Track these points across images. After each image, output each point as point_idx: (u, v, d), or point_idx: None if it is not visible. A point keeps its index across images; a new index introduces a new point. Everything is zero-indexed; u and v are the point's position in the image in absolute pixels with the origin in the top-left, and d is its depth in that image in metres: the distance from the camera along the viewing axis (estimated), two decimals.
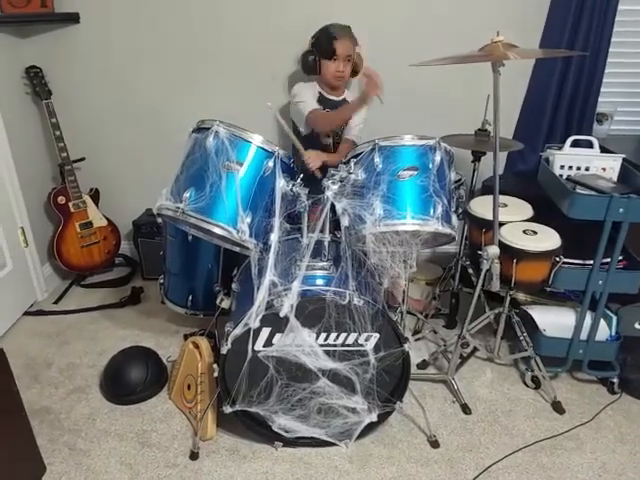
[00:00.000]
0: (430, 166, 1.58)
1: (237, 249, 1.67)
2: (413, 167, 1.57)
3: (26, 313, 2.54)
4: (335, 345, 1.63)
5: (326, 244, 1.69)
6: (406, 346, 1.63)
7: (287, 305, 1.51)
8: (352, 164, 1.61)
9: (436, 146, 1.59)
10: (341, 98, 2.44)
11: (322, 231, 1.64)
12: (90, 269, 2.78)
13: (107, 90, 2.65)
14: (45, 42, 2.52)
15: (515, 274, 1.87)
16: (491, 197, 1.95)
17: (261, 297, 1.52)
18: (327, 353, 1.63)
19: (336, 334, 1.61)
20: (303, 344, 1.59)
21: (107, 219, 2.77)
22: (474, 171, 2.27)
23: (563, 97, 2.61)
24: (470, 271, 2.39)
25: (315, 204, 1.65)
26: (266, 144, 1.59)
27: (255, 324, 1.52)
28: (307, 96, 2.30)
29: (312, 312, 1.55)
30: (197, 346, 1.92)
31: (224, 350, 1.57)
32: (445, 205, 1.58)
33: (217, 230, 1.53)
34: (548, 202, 2.07)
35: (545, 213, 2.06)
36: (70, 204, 2.61)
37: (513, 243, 1.85)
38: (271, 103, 1.86)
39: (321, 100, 2.36)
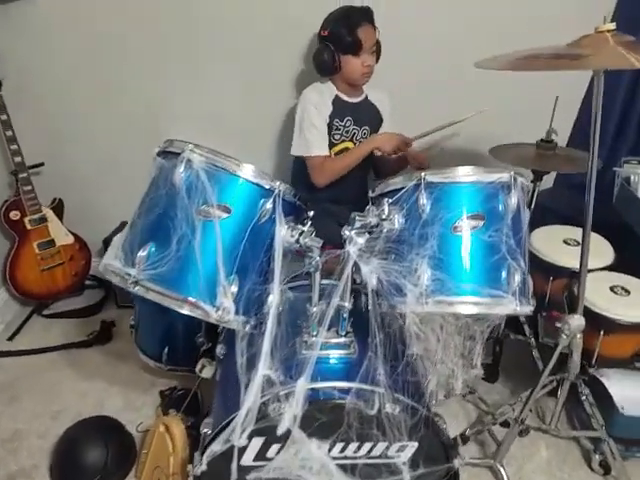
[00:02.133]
0: (502, 213, 1.08)
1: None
2: (477, 215, 1.07)
3: None
4: (355, 458, 1.16)
5: (345, 313, 1.20)
6: (456, 462, 1.16)
7: (288, 417, 1.03)
8: (386, 206, 1.11)
9: (511, 183, 1.08)
10: (361, 98, 1.93)
11: (341, 298, 1.15)
12: (53, 296, 2.31)
13: (73, 78, 2.13)
14: None
15: (599, 348, 1.38)
16: (556, 228, 1.47)
17: (250, 401, 1.04)
18: (344, 469, 1.16)
19: (357, 444, 1.13)
20: (310, 459, 1.12)
21: (74, 235, 2.28)
22: (533, 193, 1.76)
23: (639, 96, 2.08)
24: (522, 318, 1.90)
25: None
26: (261, 178, 1.09)
27: (241, 441, 1.05)
28: (317, 120, 1.81)
29: (325, 423, 1.07)
30: (169, 428, 1.45)
31: (197, 471, 1.10)
32: (523, 269, 1.09)
33: (185, 309, 1.04)
34: (632, 236, 1.57)
35: (631, 253, 1.57)
36: (26, 220, 2.12)
37: (601, 309, 1.36)
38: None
39: (338, 105, 1.85)
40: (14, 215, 2.10)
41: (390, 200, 1.11)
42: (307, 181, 1.92)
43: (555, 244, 1.54)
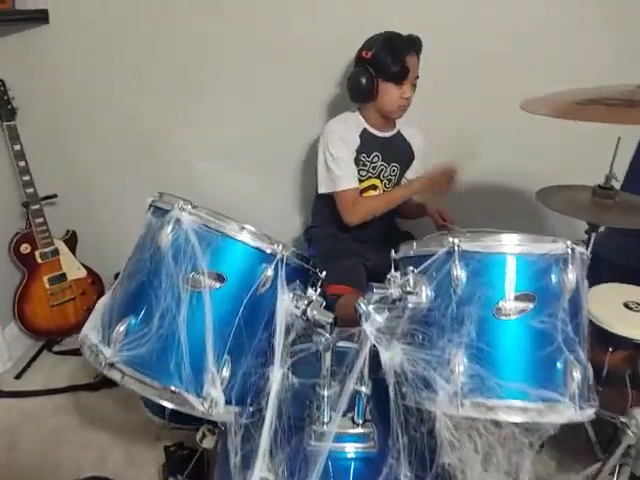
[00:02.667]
0: (557, 293, 0.87)
1: None
2: (526, 295, 0.86)
3: None
4: None
5: (364, 397, 1.00)
6: None
7: None
8: (411, 276, 0.91)
9: (568, 255, 0.87)
10: (393, 133, 1.75)
11: (359, 382, 0.96)
12: (64, 333, 2.19)
13: (86, 109, 2.04)
14: (7, 48, 1.91)
15: None
16: (616, 288, 1.25)
17: None
18: None
19: None
20: None
21: (86, 268, 2.17)
22: (587, 244, 1.52)
23: None
24: None
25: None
26: (262, 240, 0.91)
27: None
28: (344, 153, 1.64)
29: None
30: None
31: None
32: (583, 363, 0.87)
33: (165, 401, 0.86)
34: None
35: None
36: (37, 253, 2.03)
37: None
38: None
39: (366, 139, 1.68)
40: (24, 248, 2.01)
41: (416, 269, 0.91)
42: (329, 217, 1.77)
43: (614, 308, 1.31)
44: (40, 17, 1.86)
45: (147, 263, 0.90)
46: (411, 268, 0.92)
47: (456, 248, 0.87)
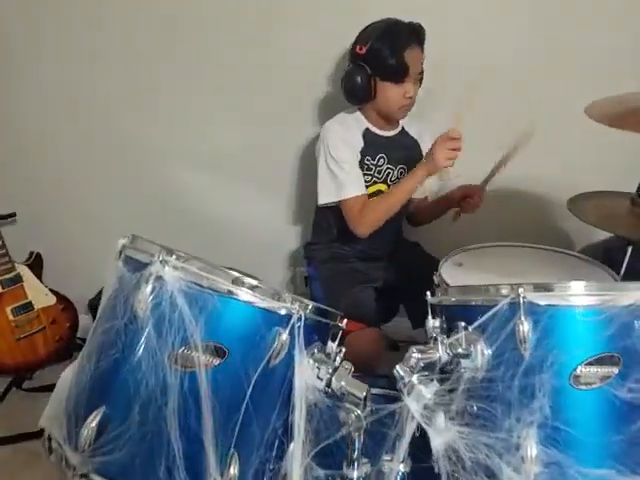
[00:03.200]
0: None
1: None
2: (609, 357, 0.68)
3: None
4: None
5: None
6: None
7: None
8: (462, 334, 0.72)
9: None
10: (397, 131, 1.55)
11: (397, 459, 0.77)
12: (34, 367, 1.96)
13: (51, 111, 1.79)
14: None
15: None
16: None
17: None
18: None
19: None
20: None
21: (55, 294, 1.94)
22: (624, 258, 1.35)
23: None
24: None
25: None
26: (273, 299, 0.71)
27: None
28: (347, 154, 1.43)
29: None
30: None
31: None
32: None
33: None
34: None
35: None
36: None
37: None
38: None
39: (370, 140, 1.48)
40: None
41: (469, 325, 0.72)
42: (330, 233, 1.58)
43: None
44: None
45: (121, 335, 0.69)
46: (462, 324, 0.73)
47: (521, 300, 0.69)
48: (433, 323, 0.81)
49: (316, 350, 0.75)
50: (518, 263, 1.26)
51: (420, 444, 0.72)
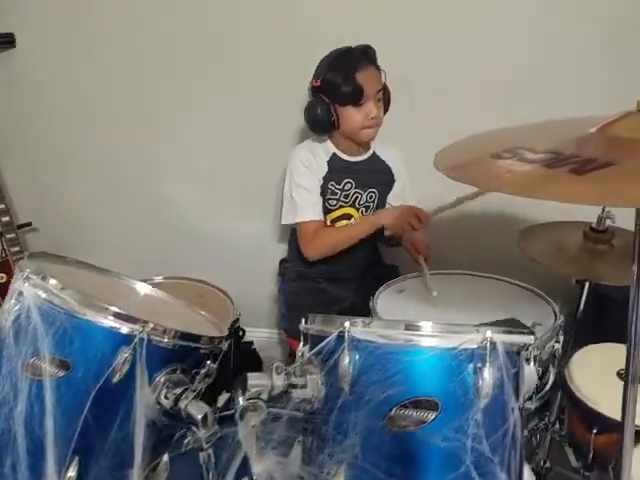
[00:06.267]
0: (469, 399, 0.66)
1: None
2: (427, 401, 0.66)
3: None
4: None
5: None
6: None
7: None
8: (299, 363, 0.73)
9: (486, 351, 0.66)
10: (368, 155, 1.56)
11: None
12: None
13: (62, 132, 1.95)
14: None
15: None
16: (611, 350, 1.02)
17: None
18: None
19: None
20: None
21: None
22: (580, 298, 1.28)
23: None
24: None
25: None
26: (117, 318, 0.76)
27: None
28: (308, 180, 1.47)
29: None
30: None
31: None
32: None
33: None
34: None
35: None
36: None
37: None
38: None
39: (335, 166, 1.50)
40: (0, 278, 1.97)
41: (308, 352, 0.73)
42: (299, 252, 1.60)
43: (604, 378, 1.07)
44: (5, 41, 1.81)
45: None
46: (301, 354, 0.74)
47: (346, 334, 0.69)
48: (302, 350, 0.82)
49: (170, 371, 0.79)
50: (459, 293, 1.24)
51: None
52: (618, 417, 0.99)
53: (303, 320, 0.86)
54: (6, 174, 1.96)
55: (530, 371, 0.78)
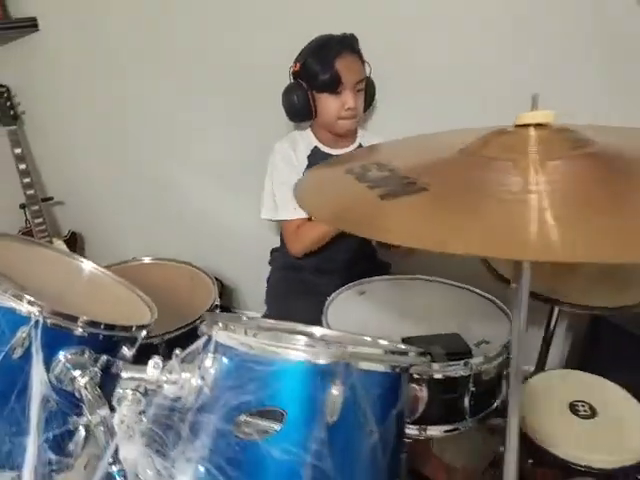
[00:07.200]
0: (316, 416, 0.65)
1: None
2: (272, 412, 0.66)
3: None
4: None
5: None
6: None
7: None
8: (175, 360, 0.75)
9: (338, 369, 0.64)
10: (353, 147, 1.53)
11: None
12: None
13: (88, 112, 2.07)
14: (9, 56, 2.02)
15: None
16: (573, 378, 0.98)
17: None
18: None
19: None
20: None
21: None
22: (549, 318, 1.19)
23: None
24: None
25: None
26: (17, 299, 0.81)
27: None
28: (287, 177, 1.45)
29: None
30: None
31: None
32: None
33: None
34: None
35: None
36: None
37: None
38: None
39: (316, 159, 1.49)
40: None
41: (182, 354, 0.75)
42: None
43: (554, 408, 1.00)
44: (29, 24, 1.92)
45: None
46: (178, 351, 0.76)
47: (213, 338, 0.70)
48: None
49: (73, 353, 0.83)
50: (417, 299, 1.21)
51: None
52: (558, 452, 0.94)
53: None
54: (35, 151, 2.11)
55: (418, 392, 0.75)
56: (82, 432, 0.82)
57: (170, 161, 2.02)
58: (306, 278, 1.58)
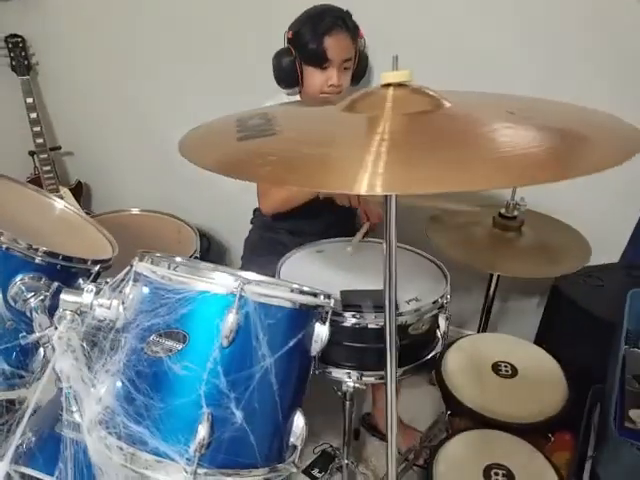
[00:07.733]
0: (212, 339, 0.73)
1: None
2: (176, 333, 0.75)
3: None
4: None
5: None
6: None
7: None
8: (106, 284, 0.84)
9: (234, 297, 0.72)
10: None
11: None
12: None
13: (101, 64, 2.15)
14: (24, 7, 2.11)
15: None
16: (506, 340, 1.04)
17: None
18: None
19: None
20: None
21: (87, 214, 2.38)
22: (488, 289, 1.23)
23: None
24: None
25: None
26: None
27: None
28: None
29: None
30: None
31: None
32: (234, 425, 0.73)
33: None
34: None
35: None
36: None
37: None
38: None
39: None
40: None
41: (112, 282, 0.84)
42: None
43: (476, 368, 1.06)
44: None
45: None
46: (109, 279, 0.85)
47: (132, 267, 0.79)
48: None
49: (30, 278, 0.94)
50: (367, 258, 1.28)
51: None
52: (473, 405, 1.00)
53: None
54: (46, 102, 2.21)
55: (321, 330, 0.83)
56: (41, 352, 0.93)
57: (177, 119, 2.08)
58: (282, 239, 1.64)
